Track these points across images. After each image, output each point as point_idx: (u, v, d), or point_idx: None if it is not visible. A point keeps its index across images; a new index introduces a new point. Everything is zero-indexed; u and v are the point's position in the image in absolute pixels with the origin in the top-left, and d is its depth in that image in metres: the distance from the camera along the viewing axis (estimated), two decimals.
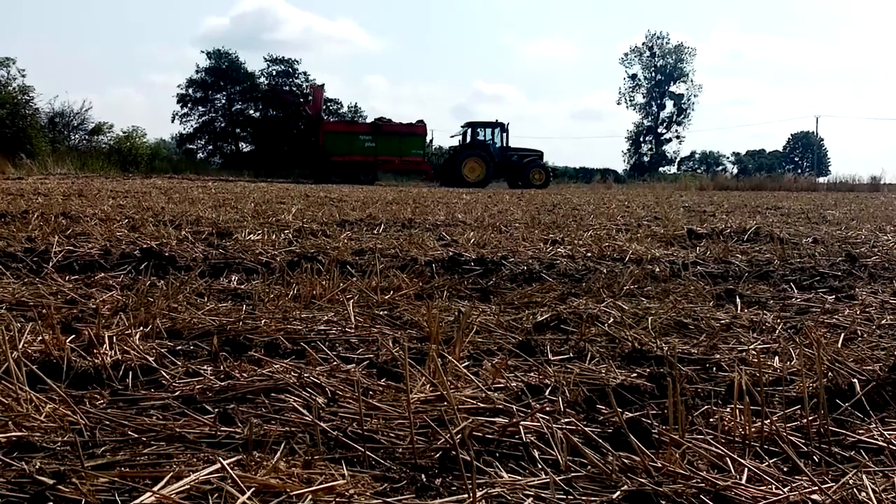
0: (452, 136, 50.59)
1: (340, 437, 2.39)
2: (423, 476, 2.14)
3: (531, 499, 2.02)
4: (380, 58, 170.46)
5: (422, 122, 48.04)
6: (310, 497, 1.98)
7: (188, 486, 2.00)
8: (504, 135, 48.20)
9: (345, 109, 72.23)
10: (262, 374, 3.03)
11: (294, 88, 70.17)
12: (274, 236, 8.45)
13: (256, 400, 2.77)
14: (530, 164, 47.24)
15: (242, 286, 5.18)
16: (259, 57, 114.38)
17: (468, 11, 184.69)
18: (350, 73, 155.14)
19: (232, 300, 4.71)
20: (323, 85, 48.36)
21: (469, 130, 48.37)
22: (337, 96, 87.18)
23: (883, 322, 4.33)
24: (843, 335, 3.92)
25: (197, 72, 70.21)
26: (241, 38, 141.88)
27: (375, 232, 9.64)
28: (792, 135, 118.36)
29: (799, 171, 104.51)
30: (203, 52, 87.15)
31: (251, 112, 70.56)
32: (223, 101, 70.55)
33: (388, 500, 2.02)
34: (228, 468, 2.05)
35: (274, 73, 70.91)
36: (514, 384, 3.02)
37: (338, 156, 45.33)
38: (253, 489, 1.99)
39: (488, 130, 48.11)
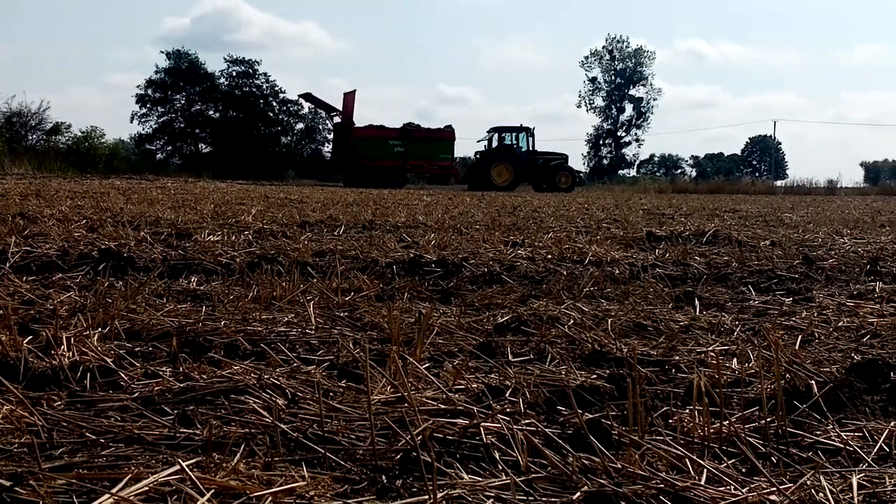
0: (479, 141, 51.26)
1: (301, 439, 2.38)
2: (383, 477, 2.14)
3: (491, 500, 2.03)
4: (342, 60, 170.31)
5: (450, 127, 48.60)
6: (270, 499, 1.97)
7: (147, 488, 1.98)
8: (530, 139, 48.75)
9: (305, 111, 72.04)
10: (222, 376, 3.02)
11: (254, 90, 69.91)
12: (234, 237, 8.42)
13: (216, 401, 2.76)
14: (557, 168, 47.82)
15: (202, 287, 5.16)
16: (221, 58, 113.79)
17: (431, 14, 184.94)
18: (312, 75, 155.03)
19: (191, 301, 4.68)
20: (354, 91, 48.42)
21: (496, 135, 48.93)
22: (297, 97, 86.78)
23: (840, 324, 4.37)
24: (800, 337, 3.95)
25: (156, 72, 69.79)
26: (202, 39, 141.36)
27: (336, 233, 9.62)
28: (750, 138, 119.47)
29: (757, 174, 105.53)
30: (163, 52, 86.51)
31: (211, 113, 70.22)
32: (183, 102, 70.14)
33: (349, 501, 2.01)
34: (188, 470, 2.03)
35: (234, 73, 70.62)
36: (474, 385, 3.03)
37: (368, 160, 45.71)
38: (212, 491, 1.98)
39: (514, 135, 48.63)
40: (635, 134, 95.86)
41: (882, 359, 3.40)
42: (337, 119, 48.52)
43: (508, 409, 2.71)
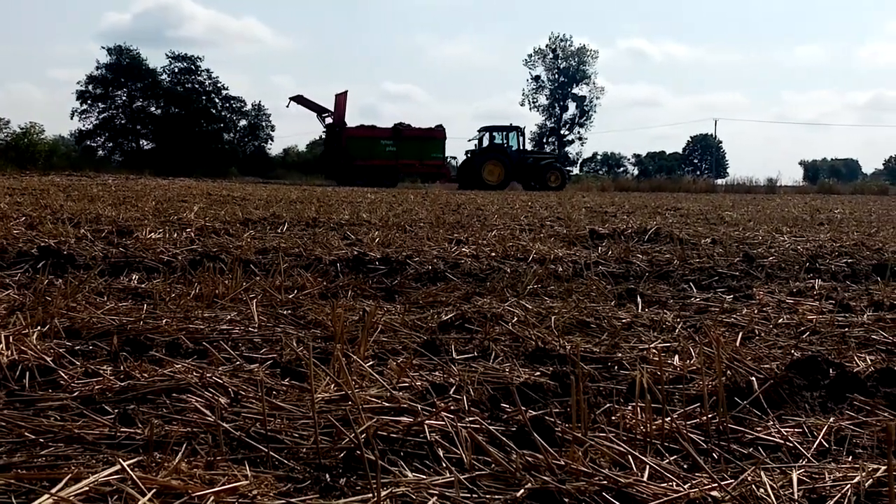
0: (470, 140, 51.67)
1: (243, 438, 2.37)
2: (327, 476, 2.14)
3: (435, 497, 2.03)
4: (287, 57, 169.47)
5: (440, 126, 48.72)
6: (212, 498, 1.96)
7: (87, 488, 1.96)
8: (520, 138, 49.07)
9: (248, 107, 71.58)
10: (164, 374, 2.99)
11: (197, 86, 69.35)
12: (176, 235, 8.35)
13: (157, 400, 2.74)
14: (547, 167, 48.01)
15: (143, 285, 5.11)
16: (163, 54, 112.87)
17: (375, 11, 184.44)
18: (256, 71, 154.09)
19: (132, 299, 4.64)
20: (346, 92, 48.55)
21: (486, 134, 49.04)
22: (241, 94, 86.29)
23: (780, 321, 4.43)
24: (741, 334, 3.99)
25: (97, 68, 68.84)
26: (144, 35, 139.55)
27: (279, 231, 9.58)
28: (691, 137, 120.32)
29: (698, 172, 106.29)
30: (104, 48, 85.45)
31: (153, 109, 69.50)
32: (124, 98, 69.30)
33: (292, 500, 2.01)
34: (129, 469, 2.01)
35: (176, 70, 69.93)
36: (418, 383, 3.03)
37: (360, 160, 45.75)
38: (154, 490, 1.96)
39: (505, 134, 48.81)
40: (578, 132, 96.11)
41: (821, 355, 3.45)
42: (328, 120, 48.56)
43: (452, 407, 2.71)
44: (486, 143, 48.26)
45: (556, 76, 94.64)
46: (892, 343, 3.91)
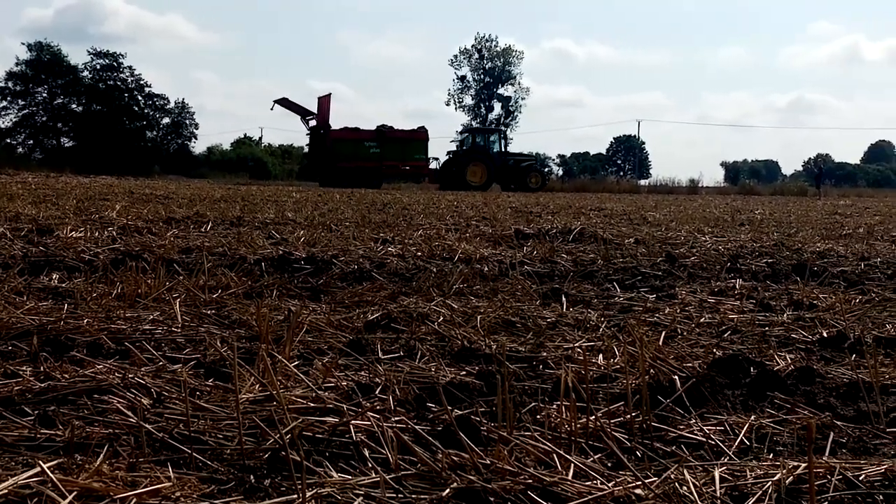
0: (452, 142, 52.99)
1: (166, 439, 2.34)
2: (251, 477, 2.12)
3: (361, 498, 2.02)
4: (210, 53, 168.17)
5: (423, 128, 49.47)
6: (134, 500, 1.94)
7: (6, 491, 1.93)
8: (503, 140, 50.30)
9: (171, 105, 70.89)
10: (85, 375, 2.95)
11: (119, 83, 68.50)
12: (97, 233, 8.24)
13: (79, 401, 2.70)
14: (528, 169, 49.05)
15: (64, 284, 5.03)
16: (85, 50, 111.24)
17: (300, 9, 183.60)
18: (179, 68, 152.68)
19: (53, 299, 4.57)
20: (330, 94, 49.28)
21: (470, 136, 50.37)
22: (164, 91, 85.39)
23: (702, 320, 4.48)
24: (664, 333, 4.03)
25: (17, 64, 67.79)
26: (66, 31, 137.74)
27: (203, 230, 9.49)
28: (615, 138, 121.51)
29: (621, 173, 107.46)
30: (24, 44, 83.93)
31: (74, 107, 68.55)
32: (45, 95, 68.32)
33: (216, 501, 1.99)
34: (48, 472, 1.98)
35: (98, 66, 69.00)
36: (344, 383, 3.02)
37: (345, 162, 46.39)
38: (75, 493, 1.93)
39: (486, 136, 50.20)
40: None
41: (742, 354, 3.50)
42: (312, 122, 48.85)
43: (378, 407, 2.71)
44: (469, 144, 49.01)
45: (482, 76, 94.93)
46: (812, 342, 3.98)
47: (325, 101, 50.06)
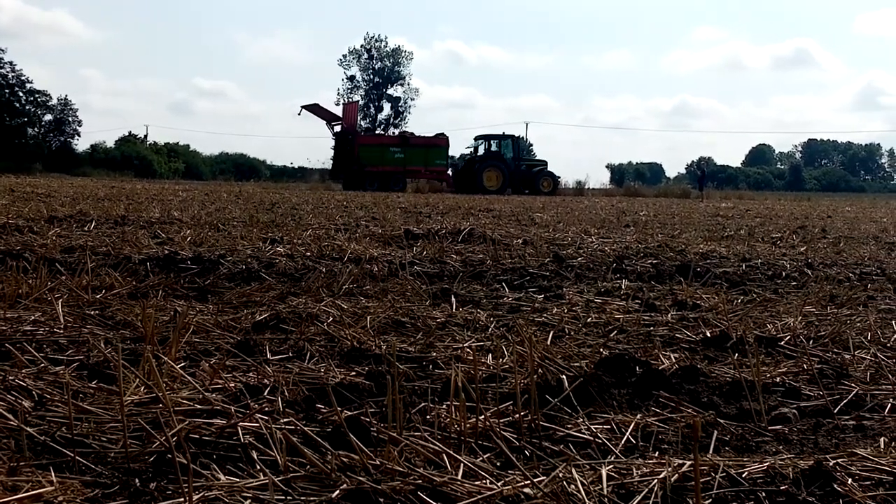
0: (467, 148, 55.02)
1: (48, 442, 2.29)
2: (136, 480, 2.08)
3: (249, 500, 2.00)
4: (96, 50, 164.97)
5: (443, 134, 50.53)
6: None
7: None
8: (516, 146, 51.31)
9: (54, 102, 69.44)
10: None
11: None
12: None
13: None
14: (540, 174, 50.02)
15: None
16: None
17: (188, 7, 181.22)
18: (64, 64, 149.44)
19: None
20: (357, 102, 50.39)
21: (484, 142, 51.40)
22: (47, 88, 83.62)
23: (589, 320, 4.54)
24: (552, 333, 4.07)
25: None
26: None
27: (87, 229, 9.31)
28: None
29: None
30: None
31: None
32: None
33: None
34: None
35: None
36: (232, 385, 2.98)
37: (371, 166, 47.48)
38: None
39: (499, 142, 51.05)
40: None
41: (628, 353, 3.56)
42: (338, 128, 49.86)
43: (267, 408, 2.68)
44: (484, 150, 50.84)
45: (371, 76, 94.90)
46: (695, 341, 4.06)
47: (351, 108, 52.11)
